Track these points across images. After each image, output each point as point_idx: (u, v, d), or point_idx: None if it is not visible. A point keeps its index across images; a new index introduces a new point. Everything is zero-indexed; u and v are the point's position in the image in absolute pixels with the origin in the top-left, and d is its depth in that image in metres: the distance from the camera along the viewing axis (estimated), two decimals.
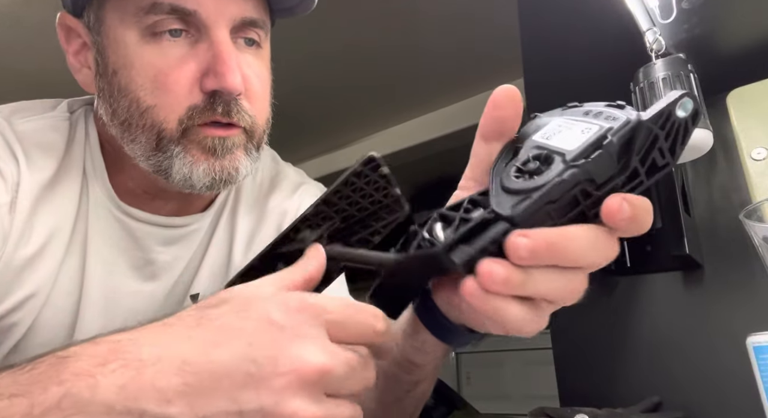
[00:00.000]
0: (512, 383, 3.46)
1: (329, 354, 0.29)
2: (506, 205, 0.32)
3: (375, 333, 0.31)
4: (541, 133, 0.36)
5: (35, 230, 0.54)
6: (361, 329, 0.31)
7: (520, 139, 0.37)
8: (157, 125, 0.52)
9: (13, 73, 2.37)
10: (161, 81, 0.51)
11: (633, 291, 0.99)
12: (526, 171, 0.33)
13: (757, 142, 0.83)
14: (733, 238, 0.90)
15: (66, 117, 0.61)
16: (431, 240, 0.34)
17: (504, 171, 0.35)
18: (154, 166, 0.54)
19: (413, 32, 1.88)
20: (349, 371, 0.30)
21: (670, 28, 0.81)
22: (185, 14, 0.51)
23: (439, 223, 0.35)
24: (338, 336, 0.30)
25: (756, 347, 0.52)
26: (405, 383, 0.47)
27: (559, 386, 1.03)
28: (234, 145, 0.54)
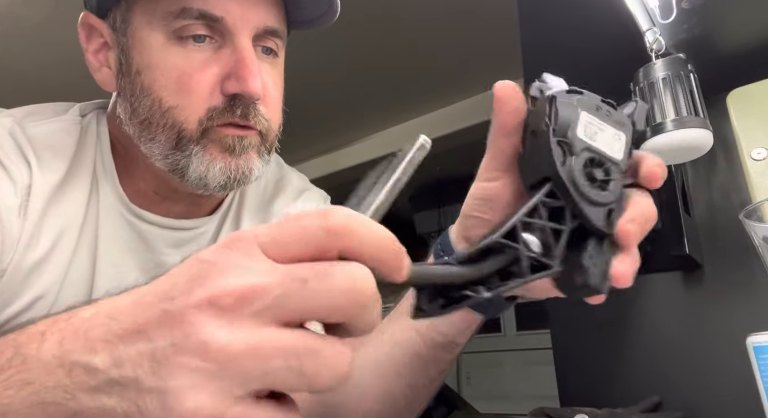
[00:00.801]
0: (512, 383, 3.46)
1: (258, 274, 0.24)
2: (598, 218, 0.35)
3: (327, 232, 0.24)
4: (583, 132, 0.36)
5: (44, 232, 0.55)
6: (304, 235, 0.24)
7: (562, 132, 0.36)
8: (177, 125, 0.54)
9: (13, 73, 2.37)
10: (184, 82, 0.53)
11: (633, 291, 0.98)
12: (597, 180, 0.35)
13: (757, 142, 0.83)
14: (733, 238, 0.90)
15: (77, 121, 0.62)
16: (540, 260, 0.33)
17: (571, 172, 0.34)
18: (170, 165, 0.55)
19: (413, 32, 1.88)
20: (293, 286, 0.23)
21: (670, 28, 0.81)
22: (212, 20, 0.53)
23: (529, 235, 0.33)
24: (281, 255, 0.24)
25: (756, 347, 0.53)
26: (443, 363, 0.49)
27: (559, 386, 1.03)
28: (250, 146, 0.55)
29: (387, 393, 0.53)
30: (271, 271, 0.24)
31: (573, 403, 0.86)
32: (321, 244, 0.24)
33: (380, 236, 0.25)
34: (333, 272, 0.24)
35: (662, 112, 0.76)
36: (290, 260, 0.24)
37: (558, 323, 1.07)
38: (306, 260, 0.24)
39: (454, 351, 0.48)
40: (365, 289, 0.24)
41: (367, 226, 0.25)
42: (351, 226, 0.24)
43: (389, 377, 0.53)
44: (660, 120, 0.76)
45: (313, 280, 0.23)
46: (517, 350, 3.53)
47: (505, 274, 0.32)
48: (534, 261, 0.32)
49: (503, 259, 0.32)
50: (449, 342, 0.47)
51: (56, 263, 0.56)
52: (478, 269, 0.31)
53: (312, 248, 0.24)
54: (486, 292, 0.31)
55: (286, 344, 0.23)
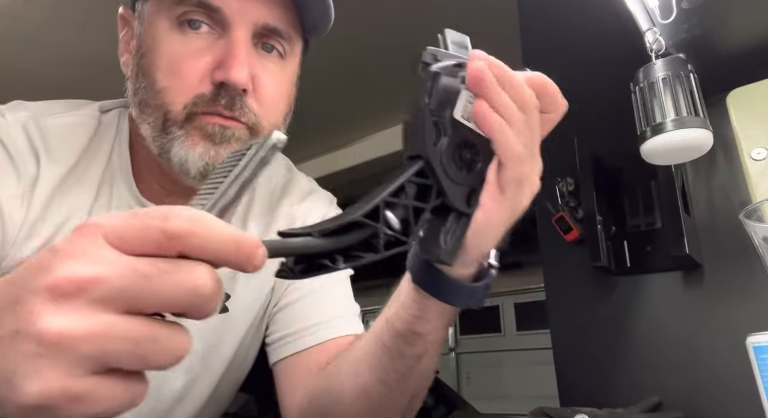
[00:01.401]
0: (512, 383, 3.46)
1: (99, 264, 0.25)
2: (460, 198, 0.37)
3: (165, 235, 0.25)
4: (461, 111, 0.37)
5: (47, 221, 0.57)
6: (145, 235, 0.25)
7: (439, 111, 0.37)
8: (164, 107, 0.55)
9: (13, 73, 2.37)
10: (177, 67, 0.55)
11: (633, 291, 0.99)
12: (463, 162, 0.38)
13: (757, 142, 0.83)
14: (733, 238, 0.90)
15: (95, 116, 0.64)
16: (396, 236, 0.35)
17: (441, 154, 0.36)
18: (158, 148, 0.57)
19: (413, 32, 1.88)
20: (135, 279, 0.25)
21: (670, 28, 0.81)
22: (210, 9, 0.54)
23: (390, 213, 0.35)
24: (123, 248, 0.25)
25: (756, 347, 0.52)
26: (409, 358, 0.48)
27: (559, 386, 1.03)
28: (234, 137, 0.56)
29: (362, 388, 0.53)
30: (113, 261, 0.25)
31: (573, 403, 0.86)
32: (160, 245, 0.25)
33: (222, 237, 0.26)
34: (174, 271, 0.25)
35: (662, 112, 0.76)
36: (132, 254, 0.25)
37: (558, 323, 1.07)
38: (147, 255, 0.25)
39: (417, 344, 0.46)
40: (203, 288, 0.26)
41: (209, 228, 0.26)
42: (191, 229, 0.26)
43: (364, 371, 0.53)
44: (660, 120, 0.76)
45: (154, 276, 0.25)
46: (517, 350, 3.52)
47: (368, 246, 0.34)
48: (392, 238, 0.35)
49: (363, 233, 0.34)
50: (410, 331, 0.46)
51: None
52: (338, 242, 0.33)
53: (152, 247, 0.25)
54: (343, 263, 0.33)
55: (122, 331, 0.25)
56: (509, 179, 0.38)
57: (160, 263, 0.25)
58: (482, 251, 0.42)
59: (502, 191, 0.38)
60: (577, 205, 1.04)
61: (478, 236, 0.39)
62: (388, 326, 0.49)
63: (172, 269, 0.25)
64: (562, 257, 1.08)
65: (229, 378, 0.72)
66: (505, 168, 0.38)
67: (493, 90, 0.36)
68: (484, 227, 0.39)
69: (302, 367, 0.65)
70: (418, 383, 0.51)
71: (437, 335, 0.47)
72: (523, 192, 0.39)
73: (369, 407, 0.53)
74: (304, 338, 0.66)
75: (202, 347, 0.67)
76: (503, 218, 0.39)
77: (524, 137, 0.38)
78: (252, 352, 0.73)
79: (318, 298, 0.69)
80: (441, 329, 0.46)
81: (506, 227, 0.41)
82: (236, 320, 0.68)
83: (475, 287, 0.43)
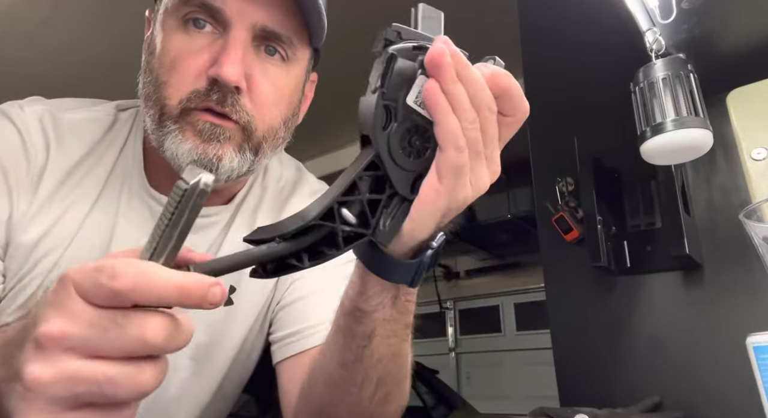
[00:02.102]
0: (512, 383, 3.46)
1: (63, 319, 0.29)
2: (404, 184, 0.38)
3: (113, 293, 0.29)
4: (414, 97, 0.37)
5: (53, 207, 0.60)
6: (98, 291, 0.29)
7: (392, 95, 0.37)
8: (162, 100, 0.57)
9: (13, 72, 2.37)
10: (177, 63, 0.57)
11: (633, 291, 0.99)
12: (412, 147, 0.38)
13: (757, 142, 0.83)
14: (733, 238, 0.90)
15: (111, 113, 0.68)
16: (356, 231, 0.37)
17: (389, 138, 0.37)
18: (156, 140, 0.59)
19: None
20: (94, 332, 0.29)
21: (670, 28, 0.81)
22: (212, 10, 0.56)
23: (346, 210, 0.37)
24: (87, 300, 0.29)
25: (756, 347, 0.52)
26: (359, 337, 0.49)
27: (559, 386, 1.03)
28: (224, 137, 0.57)
29: (328, 374, 0.54)
30: (78, 315, 0.29)
31: (573, 403, 0.86)
32: (112, 300, 0.29)
33: (166, 288, 0.29)
34: (126, 324, 0.29)
35: (662, 112, 0.76)
36: (95, 305, 0.29)
37: (558, 323, 1.07)
38: (107, 307, 0.29)
39: (363, 322, 0.47)
40: (152, 339, 0.29)
41: (153, 282, 0.29)
42: (135, 286, 0.29)
43: (328, 356, 0.54)
44: (660, 120, 0.76)
45: (110, 329, 0.29)
46: (517, 350, 3.52)
47: (331, 242, 0.36)
48: (351, 232, 0.37)
49: (322, 232, 0.36)
50: (355, 308, 0.47)
51: (59, 234, 0.60)
52: (300, 243, 0.35)
53: (106, 301, 0.29)
54: (308, 261, 0.36)
55: (85, 374, 0.29)
56: (447, 166, 0.38)
57: (117, 316, 0.29)
58: (416, 237, 0.42)
59: (440, 178, 0.39)
60: (577, 205, 1.04)
61: (414, 220, 0.40)
62: (340, 306, 0.50)
63: (125, 322, 0.29)
64: (562, 257, 1.08)
65: (234, 375, 0.72)
66: (443, 154, 0.38)
67: (449, 76, 0.36)
68: (420, 213, 0.40)
69: (302, 367, 0.65)
70: (375, 366, 0.51)
71: (383, 314, 0.47)
72: (461, 182, 0.39)
73: (335, 393, 0.54)
74: (306, 338, 0.67)
75: (207, 340, 0.67)
76: (440, 206, 0.39)
77: (470, 131, 0.38)
78: (256, 349, 0.74)
79: (321, 297, 0.69)
80: (386, 307, 0.46)
81: (445, 215, 0.41)
82: (240, 315, 0.69)
83: (409, 264, 0.43)
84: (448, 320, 3.94)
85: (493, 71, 0.38)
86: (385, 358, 0.50)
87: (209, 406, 0.71)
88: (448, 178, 0.38)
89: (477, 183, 0.40)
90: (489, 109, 0.38)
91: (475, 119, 0.38)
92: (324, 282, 0.69)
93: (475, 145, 0.38)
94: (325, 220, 0.36)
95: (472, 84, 0.37)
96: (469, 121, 0.37)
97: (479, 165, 0.39)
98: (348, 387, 0.53)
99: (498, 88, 0.38)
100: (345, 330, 0.49)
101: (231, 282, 0.74)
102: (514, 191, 2.86)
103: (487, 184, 0.41)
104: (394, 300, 0.46)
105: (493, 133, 0.39)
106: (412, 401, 0.65)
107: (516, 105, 0.39)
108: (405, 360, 0.54)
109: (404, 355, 0.53)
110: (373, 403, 0.54)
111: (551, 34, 1.25)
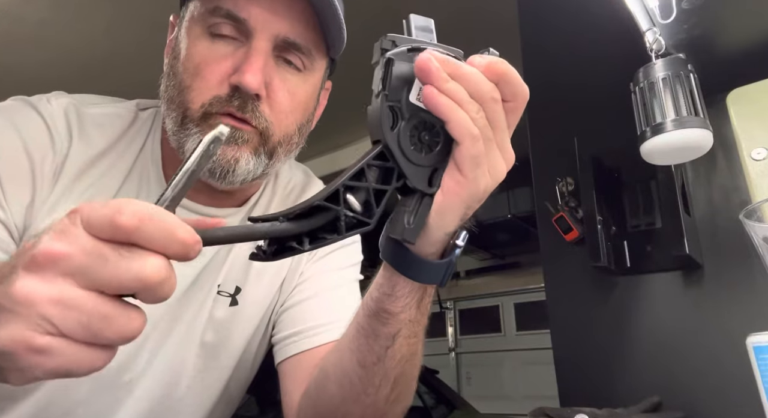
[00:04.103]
0: (512, 383, 3.46)
1: (66, 242, 0.30)
2: (421, 179, 0.39)
3: (114, 227, 0.29)
4: (416, 95, 0.38)
5: (72, 196, 0.62)
6: (103, 223, 0.30)
7: (394, 96, 0.38)
8: (185, 104, 0.60)
9: (13, 71, 2.37)
10: (201, 69, 0.60)
11: (633, 291, 0.99)
12: (423, 143, 0.39)
13: (757, 142, 0.83)
14: (733, 238, 0.90)
15: (133, 110, 0.70)
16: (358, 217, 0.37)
17: (398, 137, 0.38)
18: (176, 142, 0.61)
19: None
20: (95, 260, 0.29)
21: (670, 28, 0.81)
22: (237, 21, 0.59)
23: (351, 196, 0.37)
24: (91, 232, 0.30)
25: (756, 347, 0.52)
26: (383, 338, 0.49)
27: (559, 386, 1.03)
28: (242, 140, 0.59)
29: (343, 373, 0.55)
30: (82, 243, 0.30)
31: (573, 403, 0.86)
32: (113, 235, 0.30)
33: (165, 231, 0.30)
34: (128, 258, 0.30)
35: (662, 112, 0.76)
36: (99, 238, 0.30)
37: (558, 323, 1.07)
38: (110, 241, 0.30)
39: (389, 323, 0.48)
40: (150, 276, 0.30)
41: (154, 222, 0.30)
42: (136, 224, 0.29)
43: (345, 356, 0.54)
44: (660, 120, 0.76)
45: (111, 260, 0.30)
46: (517, 350, 3.53)
47: (333, 228, 0.37)
48: (353, 219, 0.37)
49: (326, 216, 0.36)
50: (381, 309, 0.47)
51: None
52: (303, 225, 0.36)
53: (108, 235, 0.30)
54: (309, 244, 0.36)
55: (79, 302, 0.29)
56: (465, 157, 0.39)
57: (121, 249, 0.30)
58: (444, 231, 0.43)
59: (461, 170, 0.40)
60: (577, 206, 1.04)
61: (440, 215, 0.41)
62: (363, 307, 0.50)
63: (127, 256, 0.30)
64: (562, 257, 1.08)
65: (240, 375, 0.73)
66: (460, 147, 0.39)
67: (439, 78, 0.37)
68: (445, 207, 0.40)
69: (304, 367, 0.65)
70: (396, 367, 0.52)
71: (408, 315, 0.47)
72: (481, 171, 0.40)
73: (351, 392, 0.54)
74: (308, 338, 0.67)
75: (214, 340, 0.68)
76: (464, 198, 0.41)
77: (478, 121, 0.39)
78: (261, 350, 0.74)
79: (325, 299, 0.70)
80: (412, 309, 0.47)
81: (469, 207, 0.42)
82: (246, 315, 0.70)
83: (439, 264, 0.44)
84: (448, 320, 3.94)
85: (489, 61, 0.39)
86: (405, 358, 0.51)
87: (215, 407, 0.71)
88: (468, 168, 0.39)
89: (494, 171, 0.41)
90: (492, 99, 0.39)
91: (479, 109, 0.39)
92: (328, 284, 0.70)
93: (485, 132, 0.39)
94: (330, 202, 0.36)
95: (466, 79, 0.38)
96: (474, 112, 0.38)
97: (493, 152, 0.40)
98: (366, 388, 0.53)
99: (495, 76, 0.39)
100: (368, 331, 0.50)
101: (236, 284, 0.74)
102: (514, 191, 2.86)
103: (504, 171, 0.42)
104: (420, 302, 0.47)
105: (500, 120, 0.40)
106: (413, 400, 0.65)
107: (516, 89, 0.40)
108: (419, 360, 0.55)
109: (420, 355, 0.54)
110: (387, 403, 0.54)
111: (551, 35, 1.25)
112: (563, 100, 1.16)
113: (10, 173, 0.59)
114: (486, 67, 0.39)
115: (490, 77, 0.39)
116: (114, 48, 2.25)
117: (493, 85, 0.39)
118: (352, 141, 2.86)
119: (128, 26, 2.13)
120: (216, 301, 0.67)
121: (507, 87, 0.40)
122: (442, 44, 0.40)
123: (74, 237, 0.30)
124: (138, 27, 2.10)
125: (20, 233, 0.60)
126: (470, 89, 0.38)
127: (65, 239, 0.30)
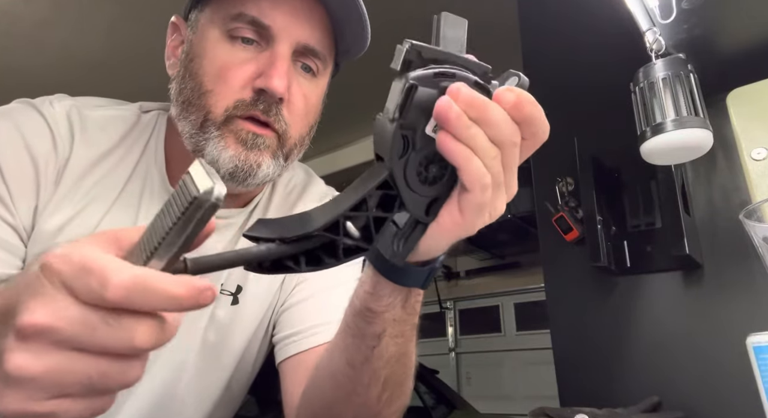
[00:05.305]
0: (512, 383, 3.46)
1: (49, 311, 0.29)
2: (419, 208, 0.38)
3: (104, 301, 0.28)
4: (432, 128, 0.36)
5: (73, 200, 0.62)
6: (86, 293, 0.29)
7: (409, 126, 0.36)
8: (207, 107, 0.61)
9: (13, 72, 2.37)
10: (224, 73, 0.60)
11: (633, 291, 0.99)
12: (428, 174, 0.37)
13: (757, 142, 0.83)
14: (733, 238, 0.90)
15: (136, 113, 0.71)
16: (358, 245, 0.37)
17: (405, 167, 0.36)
18: (194, 144, 0.61)
19: (413, 33, 1.87)
20: (83, 330, 0.29)
21: (670, 28, 0.81)
22: (260, 27, 0.60)
23: (350, 224, 0.36)
24: (74, 296, 0.29)
25: (756, 347, 0.53)
26: (369, 338, 0.49)
27: (559, 386, 1.03)
28: (264, 145, 0.61)
29: (333, 373, 0.55)
30: (66, 310, 0.29)
31: (573, 403, 0.86)
32: (96, 299, 0.29)
33: (156, 295, 0.29)
34: (116, 326, 0.29)
35: (662, 112, 0.76)
36: (83, 303, 0.29)
37: (558, 323, 1.07)
38: (86, 301, 0.29)
39: (374, 322, 0.47)
40: (140, 344, 0.29)
41: (142, 290, 0.28)
42: (128, 296, 0.28)
43: (335, 355, 0.54)
44: (660, 120, 0.76)
45: (100, 329, 0.29)
46: (517, 350, 3.53)
47: (330, 251, 0.36)
48: (352, 246, 0.36)
49: (324, 239, 0.36)
50: (365, 308, 0.47)
51: (81, 224, 0.62)
52: (300, 247, 0.35)
53: (97, 304, 0.29)
54: (305, 265, 0.36)
55: (76, 368, 0.29)
56: (471, 204, 0.38)
57: (107, 318, 0.29)
58: (430, 255, 0.43)
59: (462, 213, 0.38)
60: (577, 206, 1.05)
61: (430, 243, 0.41)
62: (350, 305, 0.50)
63: (115, 325, 0.29)
64: (562, 257, 1.08)
65: (241, 374, 0.73)
66: (467, 194, 0.37)
67: (458, 127, 0.35)
68: (437, 236, 0.40)
69: (304, 367, 0.65)
70: (384, 367, 0.51)
71: (393, 314, 0.47)
72: (482, 216, 0.39)
73: (342, 392, 0.54)
74: (307, 338, 0.67)
75: (215, 339, 0.68)
76: (458, 234, 0.40)
77: (493, 168, 0.36)
78: (262, 350, 0.75)
79: (324, 299, 0.70)
80: (396, 308, 0.47)
81: (461, 237, 0.41)
82: (247, 314, 0.70)
83: (421, 270, 0.44)
84: (448, 320, 3.94)
85: (517, 100, 0.36)
86: (393, 358, 0.51)
87: (216, 406, 0.71)
88: (470, 214, 0.38)
89: (495, 213, 0.40)
90: (512, 143, 0.37)
91: (497, 155, 0.36)
92: (329, 283, 0.70)
93: (497, 178, 0.37)
94: (329, 231, 0.35)
95: (491, 126, 0.35)
96: (491, 158, 0.36)
97: (499, 196, 0.39)
98: (355, 387, 0.53)
99: (521, 116, 0.36)
100: (355, 330, 0.50)
101: (237, 282, 0.74)
102: None
103: (503, 210, 0.40)
104: (404, 301, 0.47)
105: (515, 163, 0.38)
106: (412, 401, 0.64)
107: (537, 130, 0.38)
108: (411, 360, 0.54)
109: (410, 355, 0.53)
110: (380, 403, 0.54)
111: (551, 35, 1.25)
112: (563, 100, 1.16)
113: (16, 176, 0.60)
114: (513, 106, 0.36)
115: (514, 117, 0.36)
116: (114, 48, 2.25)
117: (516, 127, 0.36)
118: (352, 141, 2.86)
119: (129, 27, 2.13)
120: (218, 299, 0.67)
121: (529, 128, 0.37)
122: (470, 58, 0.37)
123: (57, 305, 0.29)
124: (139, 28, 2.10)
125: (28, 234, 0.62)
126: (491, 134, 0.36)
127: (48, 306, 0.29)
